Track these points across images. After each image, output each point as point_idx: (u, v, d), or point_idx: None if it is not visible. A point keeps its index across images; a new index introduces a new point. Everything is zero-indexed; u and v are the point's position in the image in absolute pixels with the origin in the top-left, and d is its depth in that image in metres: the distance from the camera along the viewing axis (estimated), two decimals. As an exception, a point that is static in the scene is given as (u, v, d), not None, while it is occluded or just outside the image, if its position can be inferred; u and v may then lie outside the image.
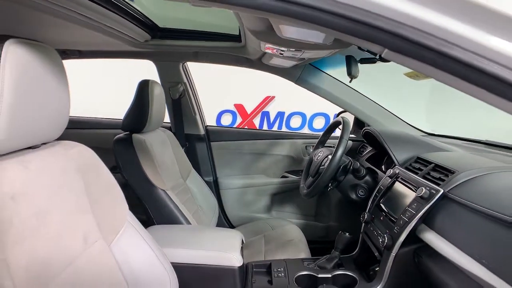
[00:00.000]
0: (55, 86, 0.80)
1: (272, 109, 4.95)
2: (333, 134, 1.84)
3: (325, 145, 1.86)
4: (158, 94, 1.59)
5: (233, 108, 4.82)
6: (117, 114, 2.15)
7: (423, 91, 2.96)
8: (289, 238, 1.76)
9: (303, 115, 4.85)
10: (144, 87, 1.54)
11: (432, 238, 1.02)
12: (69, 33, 1.45)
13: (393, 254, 1.15)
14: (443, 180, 1.13)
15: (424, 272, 1.08)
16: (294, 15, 0.50)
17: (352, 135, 2.15)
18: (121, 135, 1.53)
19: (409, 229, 1.10)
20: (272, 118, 4.92)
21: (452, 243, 0.94)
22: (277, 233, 1.84)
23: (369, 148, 1.93)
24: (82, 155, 0.94)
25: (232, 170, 2.21)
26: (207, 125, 2.22)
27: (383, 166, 1.70)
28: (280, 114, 4.91)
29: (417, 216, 1.09)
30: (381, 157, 1.79)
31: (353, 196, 1.58)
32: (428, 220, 1.08)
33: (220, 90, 4.24)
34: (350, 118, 2.09)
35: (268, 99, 4.98)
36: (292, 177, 2.22)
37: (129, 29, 1.37)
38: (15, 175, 0.71)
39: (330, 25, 0.49)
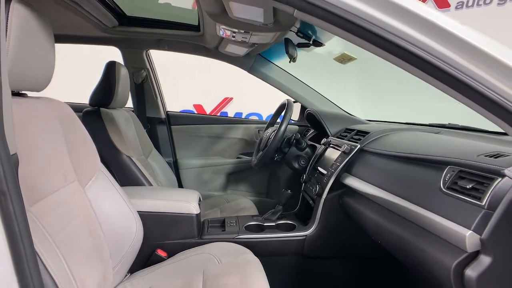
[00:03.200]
0: (44, 43, 0.98)
1: (230, 110, 5.19)
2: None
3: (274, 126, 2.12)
4: (123, 75, 1.77)
5: (192, 108, 4.97)
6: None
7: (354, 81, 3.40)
8: (242, 207, 1.98)
9: (259, 116, 5.11)
10: (111, 67, 1.71)
11: (351, 180, 1.31)
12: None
13: (323, 198, 1.42)
14: (360, 140, 1.43)
15: (345, 208, 1.36)
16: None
17: (299, 122, 2.45)
18: (89, 108, 1.68)
19: (334, 177, 1.38)
20: (230, 118, 5.11)
21: (364, 180, 1.23)
22: (232, 205, 2.06)
23: (312, 130, 2.23)
24: (62, 109, 1.11)
25: (191, 151, 2.41)
26: (168, 111, 2.40)
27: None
28: (238, 115, 5.14)
29: (340, 166, 1.38)
30: (321, 137, 2.09)
31: (296, 165, 1.84)
32: (349, 169, 1.37)
33: (180, 90, 4.40)
34: (297, 107, 2.39)
35: (226, 100, 5.21)
36: (246, 158, 2.46)
37: (100, 12, 1.54)
38: (15, 110, 0.88)
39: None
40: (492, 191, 0.73)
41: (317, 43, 1.55)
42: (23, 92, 0.99)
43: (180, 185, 2.36)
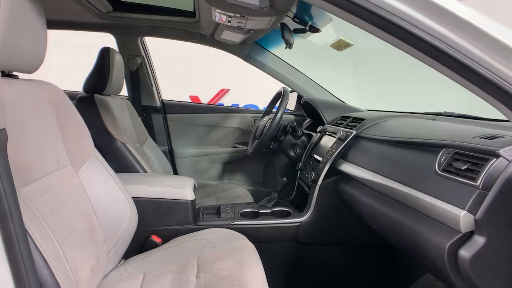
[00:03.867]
0: (36, 23, 0.95)
1: (227, 101, 5.17)
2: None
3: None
4: (118, 61, 1.74)
5: (188, 99, 4.95)
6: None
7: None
8: (238, 196, 1.98)
9: (255, 107, 5.09)
10: (105, 53, 1.68)
11: (346, 166, 1.31)
12: None
13: (318, 185, 1.42)
14: (356, 126, 1.42)
15: (340, 194, 1.36)
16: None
17: (295, 112, 2.44)
18: (83, 94, 1.66)
19: (330, 163, 1.38)
20: (226, 109, 5.10)
21: (359, 166, 1.23)
22: (227, 194, 2.06)
23: (308, 120, 2.23)
24: (54, 92, 1.09)
25: (187, 140, 2.40)
26: (163, 99, 2.39)
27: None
28: (234, 106, 5.12)
29: (336, 153, 1.37)
30: (317, 126, 2.09)
31: (292, 153, 1.84)
32: (344, 155, 1.37)
33: (176, 81, 4.37)
34: (293, 97, 2.38)
35: (223, 92, 5.20)
36: (242, 147, 2.45)
37: None
38: (4, 90, 0.86)
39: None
40: (486, 171, 0.72)
41: (314, 29, 1.54)
42: (14, 74, 0.97)
43: (176, 174, 2.35)
